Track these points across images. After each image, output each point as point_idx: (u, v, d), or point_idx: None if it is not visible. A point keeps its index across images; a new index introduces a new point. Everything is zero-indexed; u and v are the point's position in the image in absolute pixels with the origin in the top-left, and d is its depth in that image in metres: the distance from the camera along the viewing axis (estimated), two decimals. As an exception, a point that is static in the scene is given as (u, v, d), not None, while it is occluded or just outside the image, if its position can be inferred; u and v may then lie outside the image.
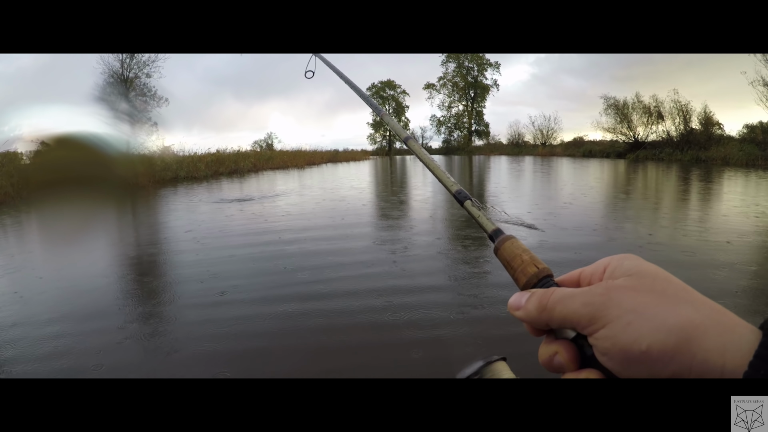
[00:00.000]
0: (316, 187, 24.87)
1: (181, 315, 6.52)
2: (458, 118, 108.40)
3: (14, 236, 14.38)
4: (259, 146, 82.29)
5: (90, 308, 6.96)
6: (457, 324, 5.84)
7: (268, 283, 7.87)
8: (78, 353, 5.42)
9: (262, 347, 5.46)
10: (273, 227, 13.11)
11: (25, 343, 5.70)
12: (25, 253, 11.46)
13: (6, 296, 7.68)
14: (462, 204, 0.95)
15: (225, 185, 31.26)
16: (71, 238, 13.29)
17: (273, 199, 19.63)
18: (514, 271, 0.80)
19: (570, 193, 18.95)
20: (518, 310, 0.74)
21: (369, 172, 41.58)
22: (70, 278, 8.80)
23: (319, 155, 71.38)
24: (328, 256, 9.47)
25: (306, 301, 6.81)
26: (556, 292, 0.70)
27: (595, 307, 0.64)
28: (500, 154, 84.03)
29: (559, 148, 71.88)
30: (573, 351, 0.70)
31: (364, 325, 5.93)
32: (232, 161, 48.96)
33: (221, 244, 11.02)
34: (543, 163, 45.99)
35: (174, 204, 20.35)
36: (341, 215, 14.70)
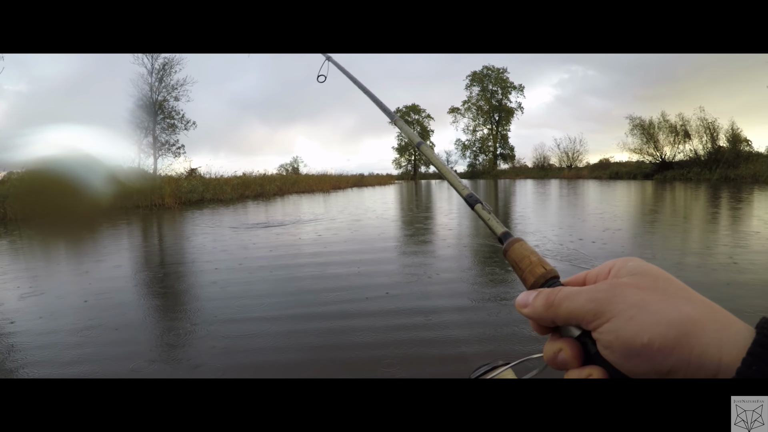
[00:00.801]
0: (344, 213, 24.70)
1: (206, 333, 6.58)
2: (483, 142, 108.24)
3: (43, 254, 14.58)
4: (285, 170, 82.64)
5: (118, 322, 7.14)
6: (478, 342, 5.80)
7: (292, 302, 7.93)
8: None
9: (282, 362, 5.51)
10: (301, 252, 13.12)
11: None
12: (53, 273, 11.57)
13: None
14: (472, 207, 0.98)
15: (251, 208, 31.38)
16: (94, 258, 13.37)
17: (299, 225, 19.55)
18: (522, 272, 0.82)
19: (604, 218, 18.45)
20: (525, 308, 0.76)
21: (395, 197, 41.38)
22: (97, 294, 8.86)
23: (345, 179, 71.78)
24: (354, 278, 9.48)
25: (330, 320, 6.87)
26: (563, 290, 0.73)
27: (599, 303, 0.67)
28: (526, 177, 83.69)
29: (585, 171, 71.36)
30: (577, 348, 0.72)
31: (390, 343, 5.93)
32: (258, 184, 49.50)
33: (247, 266, 11.04)
34: (570, 187, 45.34)
35: (198, 227, 20.40)
36: (368, 241, 14.60)
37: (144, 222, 24.30)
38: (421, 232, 16.41)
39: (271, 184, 51.48)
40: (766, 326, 0.61)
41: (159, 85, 55.08)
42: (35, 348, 6.13)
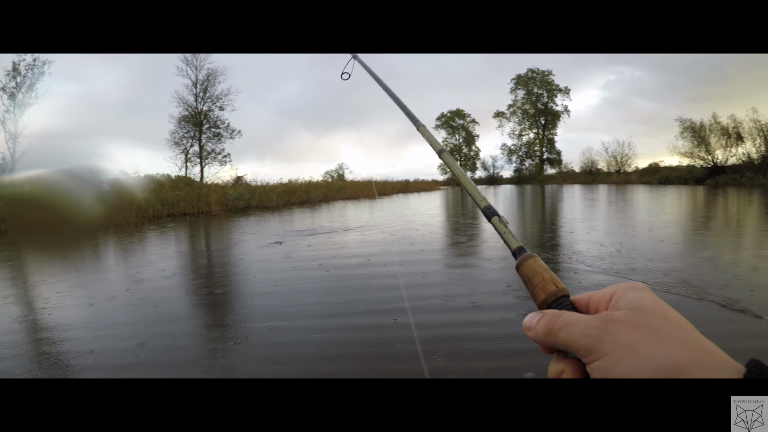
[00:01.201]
0: (390, 220, 24.58)
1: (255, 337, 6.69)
2: (529, 147, 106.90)
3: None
4: (330, 176, 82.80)
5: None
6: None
7: (340, 308, 8.01)
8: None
9: (327, 370, 5.51)
10: (357, 258, 13.13)
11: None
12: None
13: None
14: (489, 219, 0.98)
15: (297, 215, 31.53)
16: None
17: (349, 232, 19.46)
18: (534, 288, 0.82)
19: (666, 231, 17.53)
20: (529, 331, 0.77)
21: (440, 204, 41.16)
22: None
23: (390, 186, 71.43)
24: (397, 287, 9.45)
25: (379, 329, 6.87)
26: (562, 317, 0.73)
27: (591, 340, 0.68)
28: (573, 182, 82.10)
29: (634, 176, 69.64)
30: (579, 370, 0.73)
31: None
32: (304, 191, 49.81)
33: (296, 274, 11.12)
34: (619, 192, 43.92)
35: (245, 234, 20.57)
36: (416, 250, 14.53)
37: (190, 229, 24.60)
38: (469, 239, 16.32)
39: (316, 190, 51.78)
40: (754, 368, 0.62)
41: (204, 96, 56.37)
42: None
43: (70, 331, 7.30)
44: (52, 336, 7.12)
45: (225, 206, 37.25)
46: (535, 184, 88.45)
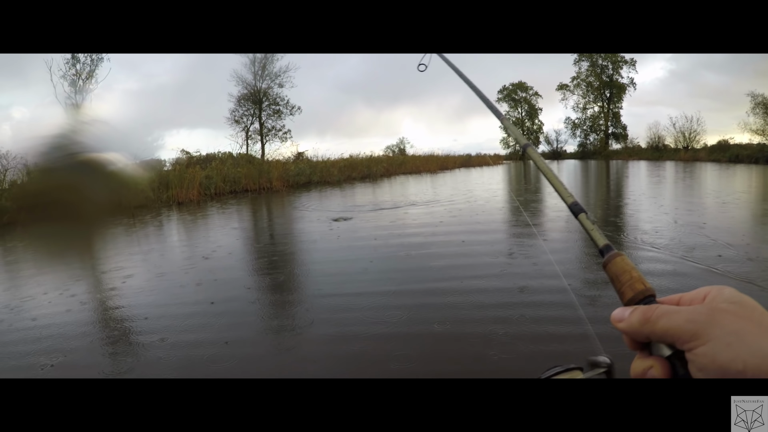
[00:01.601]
0: (456, 195, 24.36)
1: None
2: (594, 120, 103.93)
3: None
4: (391, 151, 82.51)
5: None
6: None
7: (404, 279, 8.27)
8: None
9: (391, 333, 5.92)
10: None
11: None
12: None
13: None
14: (576, 216, 0.98)
15: (358, 190, 31.68)
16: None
17: (416, 207, 19.58)
18: (622, 285, 0.82)
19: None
20: (621, 322, 0.77)
21: (503, 179, 40.71)
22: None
23: (452, 160, 70.80)
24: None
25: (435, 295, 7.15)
26: (661, 307, 0.73)
27: (698, 324, 0.67)
28: (639, 158, 79.47)
29: (702, 153, 66.49)
30: (667, 367, 0.72)
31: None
32: (365, 166, 49.83)
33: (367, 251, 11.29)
34: (688, 171, 42.12)
35: (307, 211, 20.72)
36: (480, 223, 14.46)
37: (252, 205, 24.91)
38: (534, 215, 16.21)
39: (377, 165, 51.64)
40: None
41: (262, 74, 56.79)
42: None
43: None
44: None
45: (286, 182, 37.60)
46: (600, 160, 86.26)
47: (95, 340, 6.44)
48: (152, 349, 6.02)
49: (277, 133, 58.53)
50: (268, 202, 26.36)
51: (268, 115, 57.90)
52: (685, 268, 8.39)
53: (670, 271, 8.18)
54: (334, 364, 5.33)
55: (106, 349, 6.17)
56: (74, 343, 6.40)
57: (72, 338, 6.55)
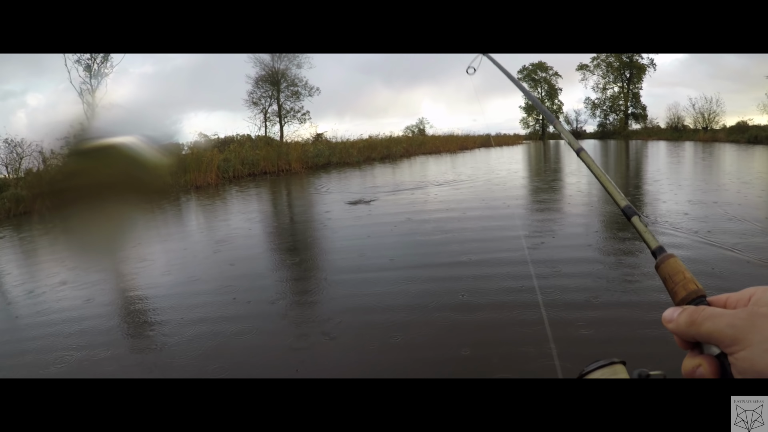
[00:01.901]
0: (476, 175, 24.26)
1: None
2: (614, 101, 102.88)
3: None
4: (411, 131, 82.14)
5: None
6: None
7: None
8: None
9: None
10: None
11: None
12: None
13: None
14: (629, 219, 0.98)
15: (378, 170, 31.70)
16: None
17: (443, 186, 19.59)
18: (675, 285, 0.84)
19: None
20: (670, 323, 0.78)
21: (524, 159, 40.49)
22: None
23: (471, 140, 70.54)
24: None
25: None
26: (706, 309, 0.74)
27: (738, 330, 0.68)
28: (658, 138, 78.82)
29: (721, 134, 65.59)
30: (715, 366, 0.72)
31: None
32: (384, 147, 49.65)
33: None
34: (707, 151, 41.65)
35: (329, 195, 20.73)
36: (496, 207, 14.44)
37: (271, 187, 24.98)
38: (551, 199, 16.18)
39: (397, 146, 51.43)
40: None
41: (280, 54, 56.21)
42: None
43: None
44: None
45: (305, 163, 37.55)
46: (620, 140, 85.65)
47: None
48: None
49: (296, 114, 58.40)
50: (287, 184, 26.40)
51: (287, 96, 57.67)
52: (703, 251, 8.33)
53: (691, 257, 8.03)
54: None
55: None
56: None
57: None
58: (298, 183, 26.31)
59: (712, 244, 8.60)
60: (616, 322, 5.74)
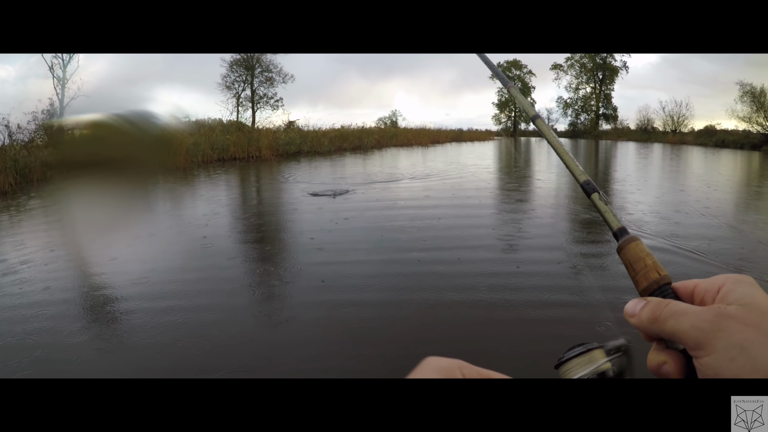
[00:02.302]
0: (449, 169, 24.24)
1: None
2: (585, 101, 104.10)
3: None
4: (383, 123, 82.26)
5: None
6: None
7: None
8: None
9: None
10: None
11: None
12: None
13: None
14: (589, 196, 0.93)
15: (348, 161, 31.66)
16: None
17: (418, 180, 19.53)
18: (636, 274, 0.80)
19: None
20: (632, 317, 0.75)
21: (495, 154, 40.81)
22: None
23: (444, 134, 70.79)
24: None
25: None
26: (670, 305, 0.71)
27: (702, 333, 0.65)
28: (628, 139, 79.99)
29: (689, 137, 67.00)
30: (681, 362, 0.71)
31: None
32: (356, 137, 49.81)
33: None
34: (675, 153, 42.65)
35: (296, 184, 20.64)
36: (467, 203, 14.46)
37: (239, 174, 24.79)
38: (520, 194, 16.30)
39: (369, 137, 51.68)
40: None
41: (256, 41, 55.74)
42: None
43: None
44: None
45: (276, 151, 37.45)
46: (590, 139, 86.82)
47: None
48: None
49: (269, 101, 58.30)
50: (256, 172, 26.19)
51: (260, 82, 57.61)
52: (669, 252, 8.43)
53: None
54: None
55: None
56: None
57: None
58: (267, 171, 26.09)
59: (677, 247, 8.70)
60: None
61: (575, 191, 14.88)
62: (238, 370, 4.77)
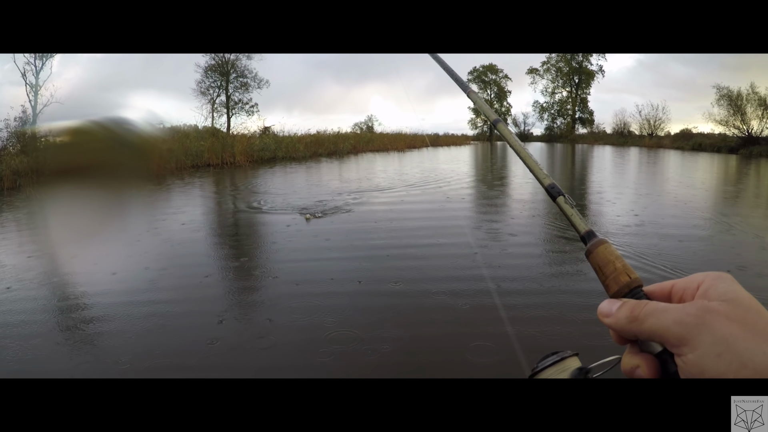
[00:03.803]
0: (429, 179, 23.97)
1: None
2: (562, 105, 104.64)
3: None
4: (359, 128, 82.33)
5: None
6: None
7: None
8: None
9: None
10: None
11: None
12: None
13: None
14: (554, 200, 0.91)
15: (324, 168, 31.57)
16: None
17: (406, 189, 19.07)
18: (606, 278, 0.78)
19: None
20: (608, 318, 0.73)
21: (471, 160, 40.92)
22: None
23: (420, 139, 71.07)
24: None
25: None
26: (649, 304, 0.69)
27: (686, 328, 0.63)
28: (604, 143, 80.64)
29: (666, 140, 67.59)
30: (655, 366, 0.69)
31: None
32: (332, 142, 49.99)
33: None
34: (652, 157, 42.90)
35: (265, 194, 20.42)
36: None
37: (208, 184, 24.47)
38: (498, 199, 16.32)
39: (345, 142, 51.92)
40: None
41: (231, 43, 55.59)
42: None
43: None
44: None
45: (250, 157, 37.38)
46: (566, 143, 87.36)
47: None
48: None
49: (244, 106, 57.66)
50: (231, 179, 25.94)
51: (235, 87, 57.11)
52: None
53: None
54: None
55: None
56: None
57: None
58: (241, 178, 25.85)
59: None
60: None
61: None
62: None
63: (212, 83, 56.20)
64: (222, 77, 55.81)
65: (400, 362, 5.08)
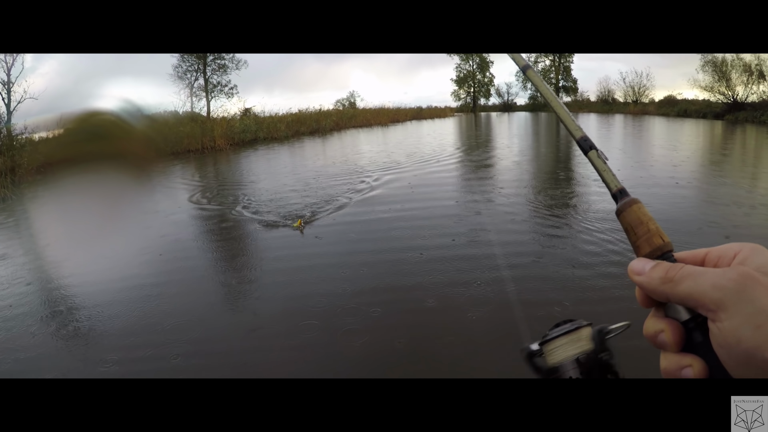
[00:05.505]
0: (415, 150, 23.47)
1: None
2: (545, 74, 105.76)
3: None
4: (341, 105, 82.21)
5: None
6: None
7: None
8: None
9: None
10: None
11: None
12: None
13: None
14: (586, 153, 0.86)
15: (307, 147, 31.32)
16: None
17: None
18: (638, 239, 0.75)
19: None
20: (640, 276, 0.70)
21: (456, 131, 40.85)
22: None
23: (403, 113, 71.08)
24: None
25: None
26: (686, 267, 0.66)
27: (726, 293, 0.60)
28: (589, 111, 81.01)
29: (651, 107, 67.98)
30: (680, 333, 0.67)
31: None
32: (314, 120, 49.80)
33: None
34: (637, 124, 43.08)
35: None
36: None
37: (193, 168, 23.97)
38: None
39: (327, 119, 51.71)
40: None
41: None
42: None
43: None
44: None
45: (231, 140, 36.91)
46: (550, 112, 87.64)
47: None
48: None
49: (223, 89, 56.99)
50: (206, 165, 25.19)
51: (213, 70, 56.52)
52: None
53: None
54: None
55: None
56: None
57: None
58: (213, 166, 25.14)
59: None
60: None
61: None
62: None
63: (189, 67, 55.59)
64: (199, 60, 55.21)
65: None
